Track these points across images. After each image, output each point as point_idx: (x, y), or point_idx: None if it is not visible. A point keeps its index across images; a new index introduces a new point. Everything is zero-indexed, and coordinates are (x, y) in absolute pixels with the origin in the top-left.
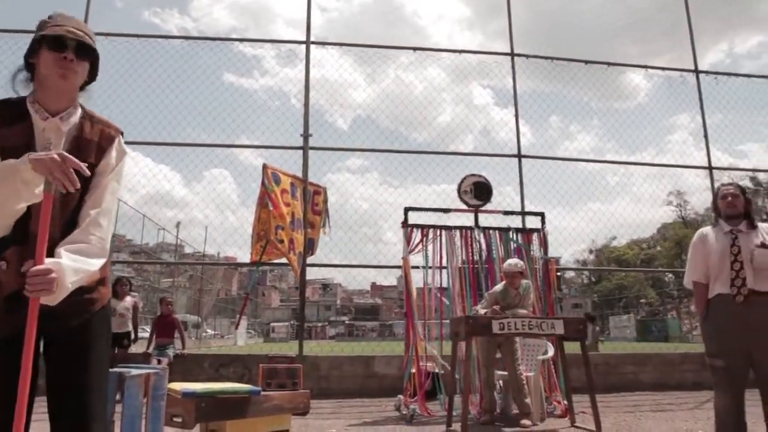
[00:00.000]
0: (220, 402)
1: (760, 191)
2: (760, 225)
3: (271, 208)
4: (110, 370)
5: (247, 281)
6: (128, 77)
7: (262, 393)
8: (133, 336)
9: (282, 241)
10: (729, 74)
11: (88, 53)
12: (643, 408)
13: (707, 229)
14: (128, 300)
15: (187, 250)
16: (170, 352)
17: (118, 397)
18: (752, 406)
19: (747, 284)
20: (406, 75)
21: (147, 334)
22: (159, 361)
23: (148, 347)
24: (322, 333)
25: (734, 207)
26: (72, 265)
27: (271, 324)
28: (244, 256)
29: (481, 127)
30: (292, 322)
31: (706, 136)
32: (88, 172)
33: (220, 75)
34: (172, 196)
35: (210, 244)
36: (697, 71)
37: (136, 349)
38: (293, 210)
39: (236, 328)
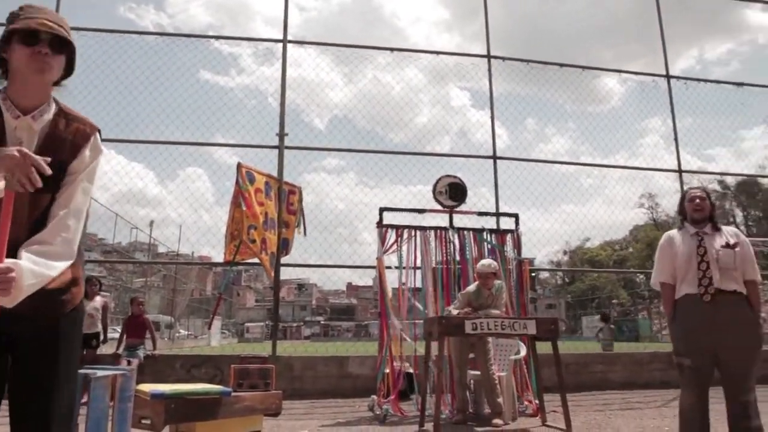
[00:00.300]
0: (190, 403)
1: (727, 195)
2: (724, 228)
3: (244, 208)
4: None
5: (222, 281)
6: (101, 73)
7: (233, 394)
8: (102, 337)
9: (254, 241)
10: (699, 80)
11: (64, 47)
12: (612, 406)
13: (674, 232)
14: (98, 300)
15: (161, 249)
16: (140, 353)
17: (85, 398)
18: (716, 404)
19: (714, 284)
20: (383, 76)
21: (117, 335)
22: (129, 362)
23: (118, 348)
24: (297, 333)
25: (702, 211)
26: (31, 268)
27: (246, 324)
28: (219, 255)
29: (458, 128)
30: (267, 322)
31: (676, 140)
32: (48, 170)
33: (196, 72)
34: (146, 194)
35: (184, 243)
36: (668, 76)
37: (106, 350)
38: (267, 210)
39: (209, 328)
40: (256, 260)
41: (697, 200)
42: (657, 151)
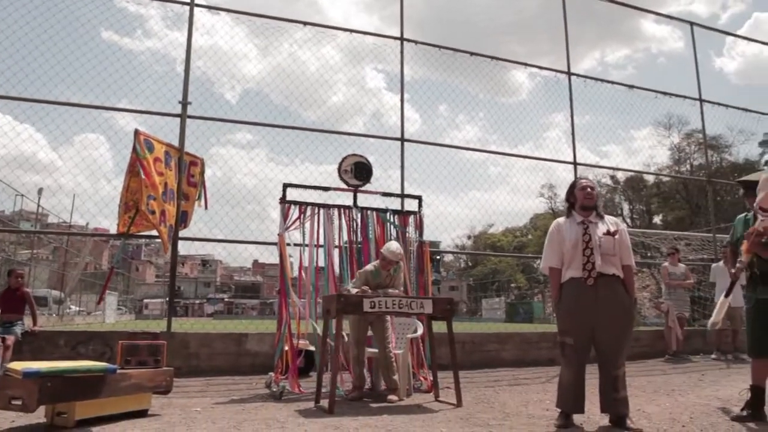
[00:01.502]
0: (69, 382)
1: (617, 189)
2: (606, 216)
3: (142, 177)
4: None
5: (116, 253)
6: None
7: (119, 371)
8: None
9: (153, 212)
10: (596, 79)
11: None
12: (502, 383)
13: (562, 220)
14: None
15: (51, 219)
16: (18, 329)
17: None
18: (589, 378)
19: (596, 268)
20: (301, 52)
21: None
22: (3, 339)
23: None
24: (199, 310)
25: (591, 199)
26: None
27: (145, 300)
28: (115, 227)
29: (372, 110)
30: (167, 298)
31: (573, 134)
32: None
33: (99, 31)
34: (38, 159)
35: (82, 214)
36: (569, 73)
37: None
38: (166, 180)
39: (98, 302)
40: (152, 232)
41: (588, 189)
42: (559, 144)
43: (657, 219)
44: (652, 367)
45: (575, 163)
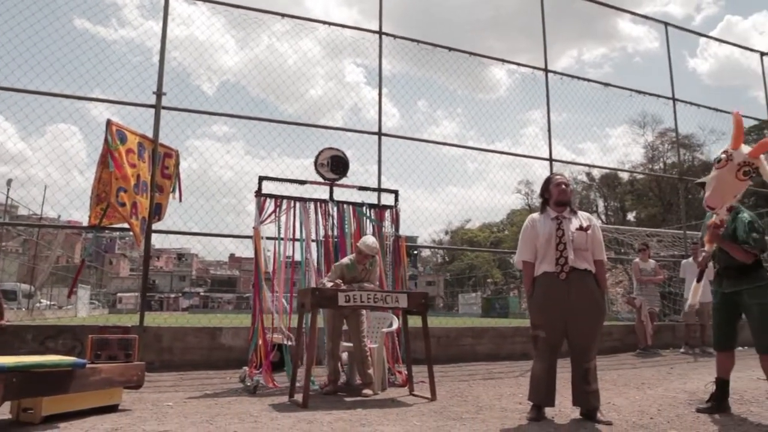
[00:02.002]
0: (35, 377)
1: (593, 186)
2: (579, 212)
3: (113, 169)
4: None
5: (87, 246)
6: None
7: (89, 366)
8: None
9: (124, 205)
10: (573, 76)
11: None
12: (476, 377)
13: (536, 215)
14: None
15: (22, 211)
16: None
17: None
18: (561, 372)
19: (569, 263)
20: (279, 44)
21: None
22: None
23: None
24: (174, 304)
25: (566, 195)
26: None
27: (118, 294)
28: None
29: (351, 104)
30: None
31: (549, 130)
32: None
33: (71, 18)
34: (7, 149)
35: (53, 205)
36: (546, 70)
37: None
38: (139, 172)
39: (68, 296)
40: (124, 225)
41: (563, 186)
42: (536, 141)
43: (631, 216)
44: (623, 361)
45: (551, 160)
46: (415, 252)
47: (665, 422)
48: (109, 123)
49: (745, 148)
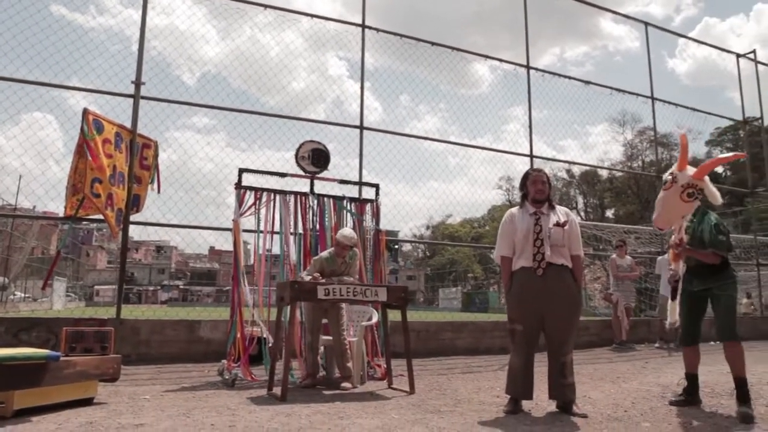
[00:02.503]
0: (7, 370)
1: (573, 182)
2: (557, 207)
3: (88, 159)
4: None
5: (63, 237)
6: None
7: (63, 358)
8: None
9: (98, 196)
10: (554, 74)
11: None
12: (455, 371)
13: (515, 210)
14: None
15: None
16: None
17: None
18: (538, 366)
19: (546, 258)
20: (262, 35)
21: None
22: None
23: None
24: (153, 297)
25: (543, 193)
26: None
27: (95, 287)
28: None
29: (334, 97)
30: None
31: (530, 127)
32: None
33: (47, 3)
34: None
35: (27, 195)
36: (528, 66)
37: None
38: (116, 162)
39: (43, 288)
40: (101, 216)
41: (540, 184)
42: (518, 137)
43: (609, 213)
44: (599, 356)
45: (532, 156)
46: (396, 246)
47: (639, 415)
48: (85, 112)
49: (690, 170)
